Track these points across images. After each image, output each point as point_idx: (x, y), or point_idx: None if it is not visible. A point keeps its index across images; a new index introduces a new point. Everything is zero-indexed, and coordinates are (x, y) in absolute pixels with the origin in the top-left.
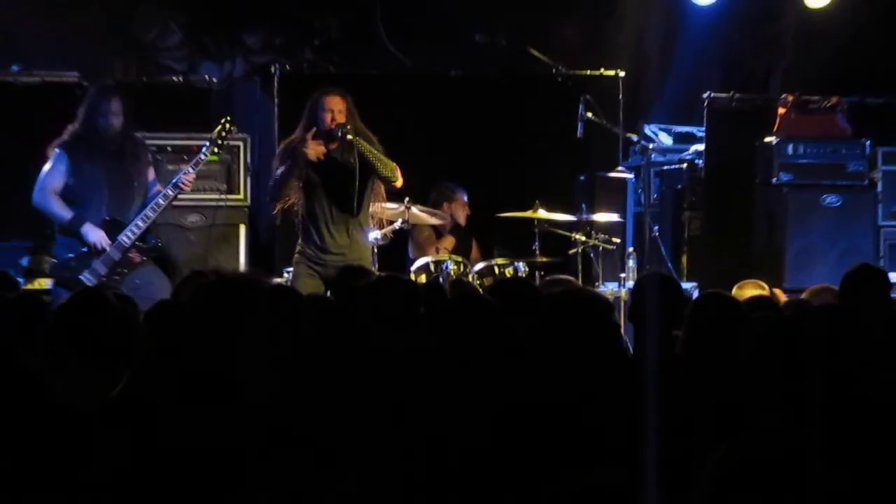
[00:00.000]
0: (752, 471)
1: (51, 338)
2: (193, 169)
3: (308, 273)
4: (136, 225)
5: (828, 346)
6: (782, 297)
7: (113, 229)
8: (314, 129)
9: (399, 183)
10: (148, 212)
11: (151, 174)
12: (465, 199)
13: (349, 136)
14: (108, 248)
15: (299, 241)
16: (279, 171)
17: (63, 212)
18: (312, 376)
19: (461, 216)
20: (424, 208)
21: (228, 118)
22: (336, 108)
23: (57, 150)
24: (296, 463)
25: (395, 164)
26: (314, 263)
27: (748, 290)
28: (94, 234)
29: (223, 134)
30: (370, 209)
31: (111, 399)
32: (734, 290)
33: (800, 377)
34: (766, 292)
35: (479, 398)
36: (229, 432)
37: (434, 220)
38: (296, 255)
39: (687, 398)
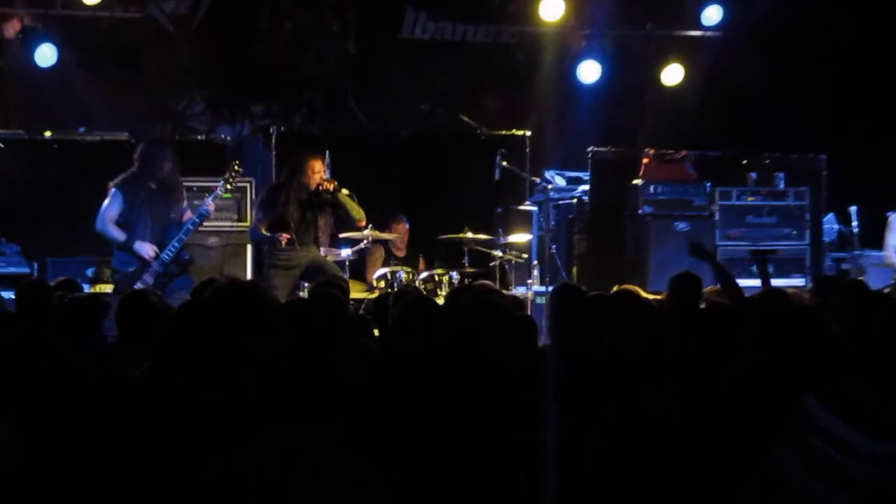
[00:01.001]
0: None
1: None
2: (213, 201)
3: (283, 269)
4: (174, 245)
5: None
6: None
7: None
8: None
9: (364, 223)
10: (182, 235)
11: (185, 206)
12: (407, 225)
13: (338, 194)
14: (153, 260)
15: (273, 252)
16: (264, 234)
17: (118, 234)
18: (299, 357)
19: (404, 236)
20: (381, 233)
21: (237, 162)
22: (319, 170)
23: (113, 188)
24: (287, 417)
25: (360, 208)
26: (286, 262)
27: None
28: (144, 248)
29: (233, 174)
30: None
31: (149, 368)
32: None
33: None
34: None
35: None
36: (235, 394)
37: (388, 237)
38: (271, 260)
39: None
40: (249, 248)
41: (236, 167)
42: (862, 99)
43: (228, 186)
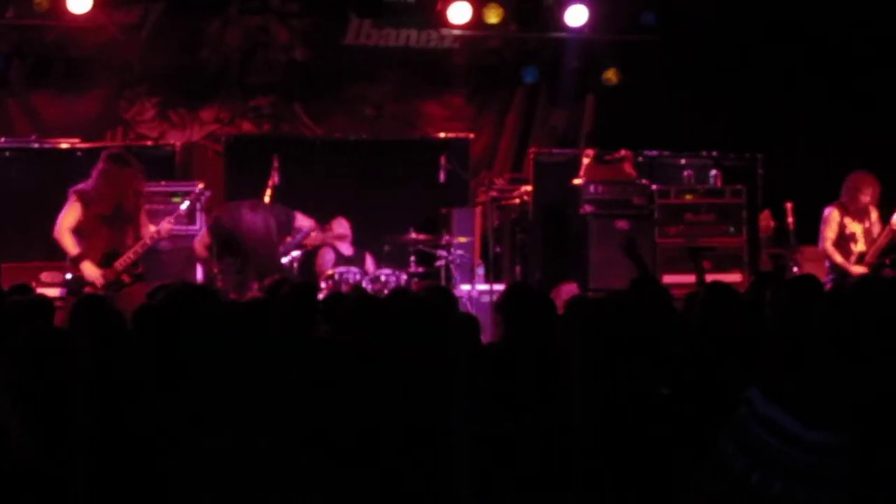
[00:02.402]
0: None
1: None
2: (175, 219)
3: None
4: (129, 256)
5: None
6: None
7: (111, 258)
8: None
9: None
10: (138, 247)
11: (144, 220)
12: (345, 221)
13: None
14: (97, 285)
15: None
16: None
17: (72, 249)
18: (249, 355)
19: (346, 231)
20: (326, 234)
21: (203, 185)
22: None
23: (73, 196)
24: (234, 417)
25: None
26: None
27: (566, 289)
28: (89, 272)
29: (199, 197)
30: None
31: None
32: (555, 290)
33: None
34: (577, 290)
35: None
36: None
37: (338, 242)
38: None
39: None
40: None
41: (203, 188)
42: (795, 99)
43: (188, 202)
